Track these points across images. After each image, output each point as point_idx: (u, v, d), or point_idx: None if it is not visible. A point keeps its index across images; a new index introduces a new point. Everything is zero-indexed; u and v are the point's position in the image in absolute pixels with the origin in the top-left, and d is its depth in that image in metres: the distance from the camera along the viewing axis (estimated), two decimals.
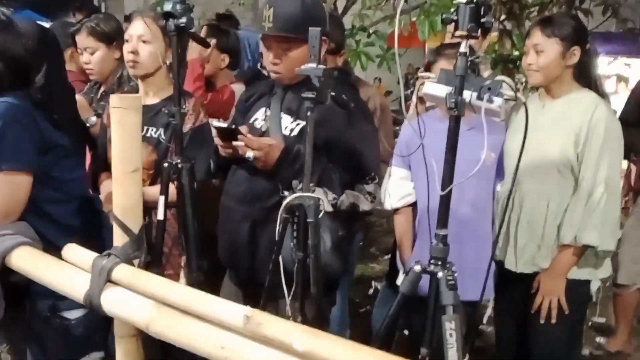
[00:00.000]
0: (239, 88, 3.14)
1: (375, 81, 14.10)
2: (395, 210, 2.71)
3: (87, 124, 2.95)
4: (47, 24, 4.04)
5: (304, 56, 2.18)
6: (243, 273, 2.31)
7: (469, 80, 1.67)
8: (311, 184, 2.09)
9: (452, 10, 1.67)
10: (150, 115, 2.53)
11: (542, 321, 2.50)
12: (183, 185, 2.16)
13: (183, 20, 2.01)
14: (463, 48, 1.65)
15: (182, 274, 2.34)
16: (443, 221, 1.77)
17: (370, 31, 6.74)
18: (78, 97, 3.07)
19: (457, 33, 1.64)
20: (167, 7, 2.03)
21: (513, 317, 2.72)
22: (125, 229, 1.65)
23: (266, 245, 2.15)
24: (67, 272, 1.69)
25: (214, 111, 2.80)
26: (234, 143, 2.08)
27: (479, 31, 1.63)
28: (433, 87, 1.70)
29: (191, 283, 2.17)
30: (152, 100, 2.57)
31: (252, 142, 2.07)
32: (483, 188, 2.60)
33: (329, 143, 2.12)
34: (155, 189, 2.50)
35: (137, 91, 2.92)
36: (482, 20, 1.63)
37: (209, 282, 2.34)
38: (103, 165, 2.63)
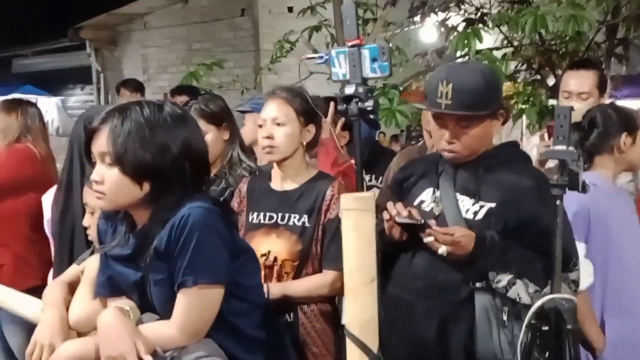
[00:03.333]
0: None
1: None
2: None
3: None
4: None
5: (484, 133, 2.03)
6: None
7: None
8: (510, 276, 1.90)
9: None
10: (291, 201, 2.34)
11: None
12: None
13: (369, 103, 1.83)
14: None
15: None
16: None
17: (401, 88, 6.67)
18: None
19: None
20: (349, 90, 1.86)
21: None
22: (364, 348, 1.44)
23: (458, 345, 1.94)
24: None
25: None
26: (426, 240, 1.89)
27: None
28: None
29: None
30: (291, 185, 2.37)
31: (446, 237, 1.87)
32: None
33: (522, 225, 1.93)
34: (302, 283, 2.30)
35: (251, 173, 2.73)
36: None
37: None
38: None
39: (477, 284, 1.93)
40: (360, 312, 1.45)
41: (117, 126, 1.61)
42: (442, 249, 1.88)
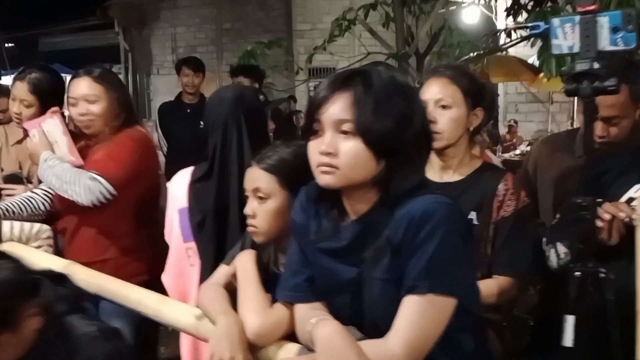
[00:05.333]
0: None
1: None
2: None
3: None
4: None
5: None
6: None
7: None
8: None
9: None
10: (454, 195, 2.02)
11: None
12: (607, 302, 1.63)
13: (611, 82, 1.52)
14: None
15: None
16: None
17: None
18: None
19: None
20: (582, 66, 1.55)
21: None
22: None
23: None
24: None
25: None
26: None
27: None
28: None
29: None
30: (453, 177, 2.08)
31: None
32: None
33: None
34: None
35: None
36: None
37: None
38: None
39: None
40: None
41: (361, 92, 1.36)
42: None
